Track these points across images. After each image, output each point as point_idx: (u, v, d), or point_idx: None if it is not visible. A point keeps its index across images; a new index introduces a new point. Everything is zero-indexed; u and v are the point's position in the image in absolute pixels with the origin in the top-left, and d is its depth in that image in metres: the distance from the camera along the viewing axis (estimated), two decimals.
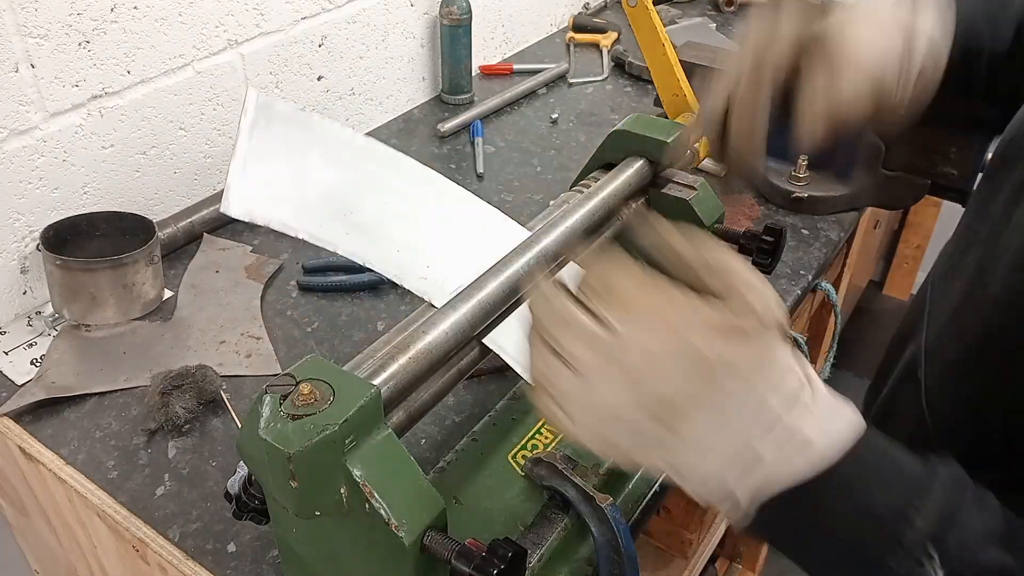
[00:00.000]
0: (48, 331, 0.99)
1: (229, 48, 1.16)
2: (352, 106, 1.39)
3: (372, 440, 0.52)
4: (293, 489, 0.50)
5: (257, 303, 1.04)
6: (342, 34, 1.31)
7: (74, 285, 0.95)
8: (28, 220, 1.00)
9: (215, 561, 0.75)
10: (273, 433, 0.49)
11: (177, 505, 0.80)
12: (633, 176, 0.78)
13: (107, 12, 1.00)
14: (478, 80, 1.60)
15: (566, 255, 0.66)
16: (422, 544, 0.51)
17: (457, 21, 1.43)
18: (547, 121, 1.48)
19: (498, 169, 1.34)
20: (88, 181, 1.05)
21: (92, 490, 0.82)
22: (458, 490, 0.78)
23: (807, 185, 1.23)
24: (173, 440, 0.87)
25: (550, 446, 0.83)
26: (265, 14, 1.18)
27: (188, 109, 1.13)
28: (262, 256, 1.12)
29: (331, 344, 1.00)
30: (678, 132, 0.80)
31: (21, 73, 0.94)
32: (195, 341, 0.98)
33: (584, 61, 1.70)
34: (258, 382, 0.94)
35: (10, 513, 1.09)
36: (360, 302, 1.06)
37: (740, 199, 1.25)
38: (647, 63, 0.99)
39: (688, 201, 0.78)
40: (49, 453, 0.85)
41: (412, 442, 0.88)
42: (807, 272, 1.13)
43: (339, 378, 0.52)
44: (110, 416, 0.89)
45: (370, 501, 0.50)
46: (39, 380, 0.92)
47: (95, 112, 1.03)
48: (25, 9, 0.91)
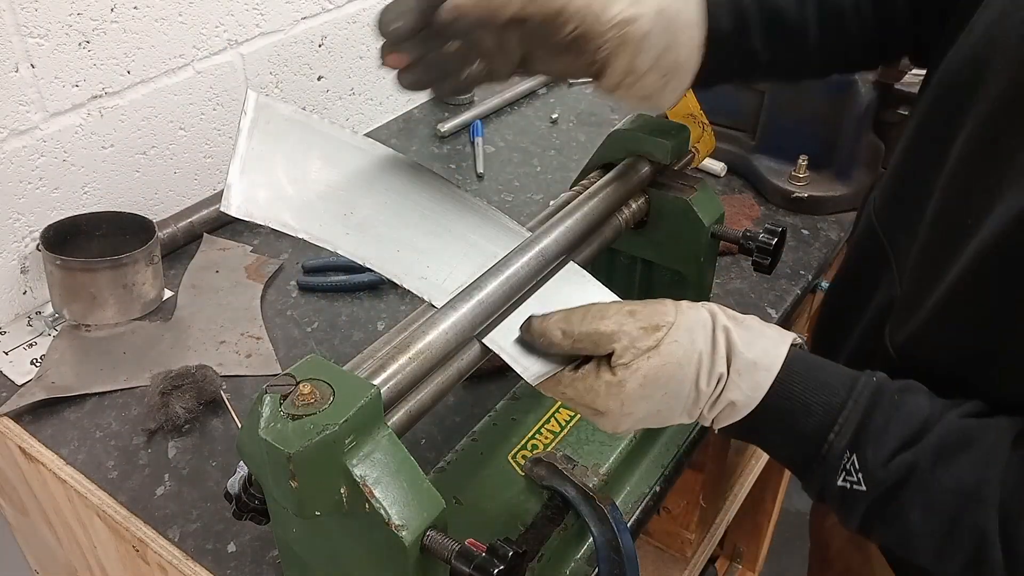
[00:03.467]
0: (48, 331, 0.99)
1: (229, 48, 1.16)
2: (352, 106, 1.39)
3: (372, 440, 0.52)
4: (293, 489, 0.50)
5: (257, 303, 1.05)
6: (342, 34, 1.31)
7: (74, 285, 0.95)
8: (28, 220, 1.00)
9: (215, 561, 0.75)
10: (273, 433, 0.49)
11: (177, 505, 0.80)
12: (633, 176, 0.78)
13: (107, 12, 1.00)
14: None
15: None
16: (422, 544, 0.51)
17: None
18: (547, 121, 1.48)
19: (498, 169, 1.34)
20: (88, 181, 1.05)
21: (92, 490, 0.82)
22: (458, 490, 0.78)
23: (807, 185, 1.23)
24: (173, 440, 0.87)
25: (550, 446, 0.83)
26: (265, 14, 1.18)
27: (188, 109, 1.13)
28: (262, 256, 1.12)
29: (331, 344, 1.00)
30: (678, 132, 0.80)
31: (21, 73, 0.94)
32: (195, 341, 0.98)
33: None
34: (258, 382, 0.94)
35: (10, 513, 1.09)
36: (360, 302, 1.06)
37: (740, 199, 1.25)
38: None
39: (688, 201, 0.78)
40: (49, 453, 0.85)
41: (412, 442, 0.88)
42: (807, 272, 1.13)
43: (339, 378, 0.52)
44: (110, 416, 0.89)
45: (370, 501, 0.50)
46: (39, 380, 0.92)
47: (95, 112, 1.03)
48: (25, 9, 0.92)
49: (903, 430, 0.55)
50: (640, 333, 0.58)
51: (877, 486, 0.54)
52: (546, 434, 0.84)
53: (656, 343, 0.57)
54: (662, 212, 0.80)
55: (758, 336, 0.58)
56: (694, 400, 0.58)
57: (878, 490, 0.54)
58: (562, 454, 0.80)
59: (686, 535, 1.28)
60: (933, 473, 0.53)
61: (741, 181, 1.31)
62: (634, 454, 0.84)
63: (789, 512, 1.80)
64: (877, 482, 0.54)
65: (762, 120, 1.26)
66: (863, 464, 0.55)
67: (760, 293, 1.08)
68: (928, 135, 0.70)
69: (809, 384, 0.57)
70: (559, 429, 0.85)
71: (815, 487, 0.58)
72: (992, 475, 0.52)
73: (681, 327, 0.58)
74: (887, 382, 0.57)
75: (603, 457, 0.82)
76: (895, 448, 0.54)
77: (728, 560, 1.77)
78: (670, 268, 0.84)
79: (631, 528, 0.77)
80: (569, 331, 0.59)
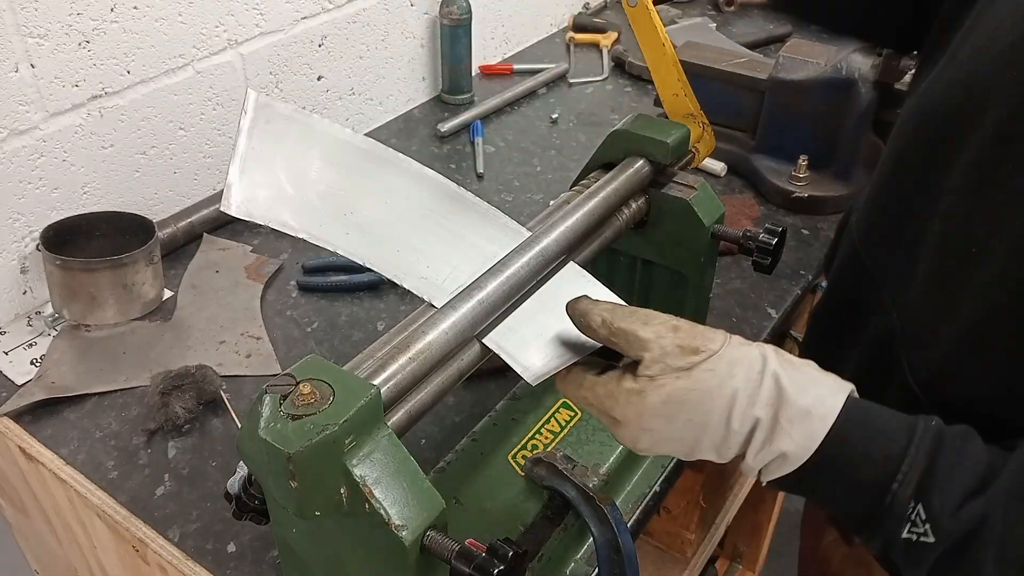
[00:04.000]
0: (48, 331, 0.99)
1: (229, 48, 1.16)
2: (352, 106, 1.39)
3: (372, 440, 0.52)
4: (293, 489, 0.50)
5: (257, 303, 1.04)
6: (342, 34, 1.31)
7: (74, 285, 0.95)
8: (28, 220, 1.00)
9: (215, 561, 0.75)
10: (273, 433, 0.49)
11: (177, 505, 0.80)
12: (633, 176, 0.78)
13: (107, 12, 1.00)
14: (478, 80, 1.60)
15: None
16: (422, 544, 0.51)
17: (457, 21, 1.43)
18: (547, 121, 1.48)
19: (498, 169, 1.34)
20: (88, 181, 1.05)
21: (92, 490, 0.82)
22: (458, 490, 0.78)
23: (807, 185, 1.23)
24: (173, 440, 0.87)
25: (550, 446, 0.83)
26: (265, 14, 1.18)
27: (188, 109, 1.13)
28: (262, 256, 1.12)
29: (331, 344, 1.00)
30: (678, 132, 0.80)
31: (21, 73, 0.94)
32: (195, 341, 0.98)
33: (584, 61, 1.70)
34: (258, 382, 0.94)
35: (10, 513, 1.09)
36: (360, 302, 1.06)
37: (740, 199, 1.25)
38: (647, 63, 0.99)
39: (688, 201, 0.78)
40: (49, 453, 0.85)
41: (412, 442, 0.88)
42: (807, 272, 1.12)
43: (339, 378, 0.52)
44: (110, 416, 0.89)
45: (370, 501, 0.50)
46: (39, 380, 0.92)
47: (95, 112, 1.03)
48: (25, 9, 0.91)
49: (969, 478, 0.52)
50: (675, 350, 0.56)
51: (947, 538, 0.51)
52: (546, 434, 0.84)
53: (690, 366, 0.55)
54: (662, 212, 0.80)
55: (813, 383, 0.55)
56: (723, 438, 0.55)
57: (948, 542, 0.51)
58: (562, 454, 0.80)
59: (686, 535, 1.28)
60: (1006, 523, 0.50)
61: (741, 181, 1.31)
62: (634, 454, 0.84)
63: (789, 512, 1.79)
64: (946, 533, 0.51)
65: (762, 120, 1.26)
66: (930, 514, 0.51)
67: (760, 293, 1.08)
68: (913, 162, 0.69)
69: (867, 432, 0.54)
70: (559, 429, 0.85)
71: (879, 541, 0.54)
72: None
73: (723, 358, 0.55)
74: (946, 428, 0.54)
75: (603, 457, 0.82)
76: (963, 496, 0.51)
77: (728, 560, 1.77)
78: (670, 268, 0.84)
79: (631, 528, 0.77)
80: (609, 321, 0.58)
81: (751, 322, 1.03)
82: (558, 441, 0.83)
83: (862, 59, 1.16)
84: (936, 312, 0.65)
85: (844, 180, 1.23)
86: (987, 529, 0.50)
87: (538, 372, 0.61)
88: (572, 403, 0.87)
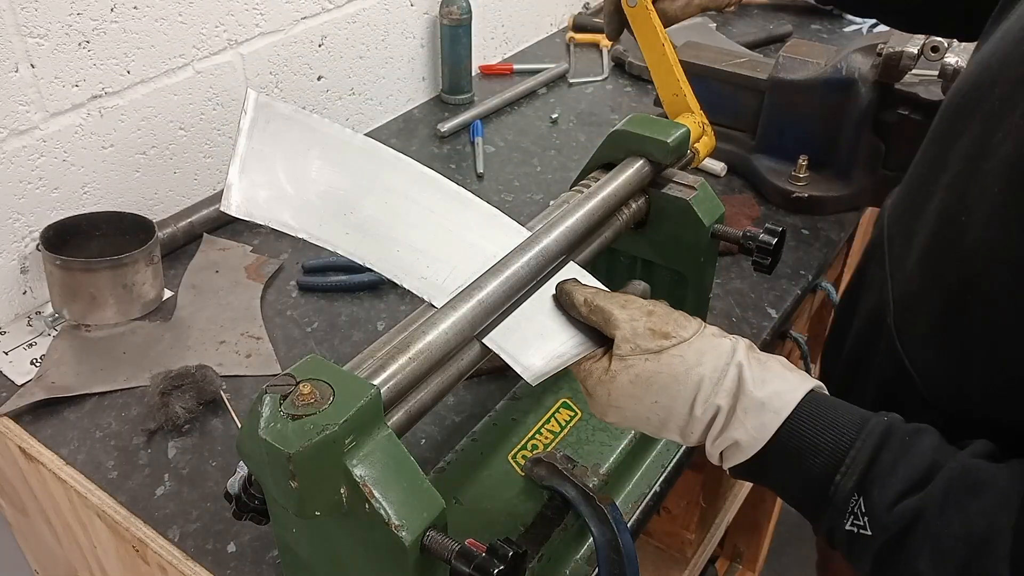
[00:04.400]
0: (48, 331, 0.99)
1: (229, 48, 1.16)
2: (352, 106, 1.39)
3: (372, 440, 0.52)
4: (293, 489, 0.50)
5: (257, 303, 1.05)
6: (342, 34, 1.31)
7: (74, 285, 0.95)
8: (28, 220, 1.00)
9: (215, 561, 0.75)
10: (273, 433, 0.49)
11: (177, 505, 0.80)
12: (633, 176, 0.78)
13: (107, 12, 1.00)
14: (478, 80, 1.60)
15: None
16: (422, 544, 0.51)
17: (457, 21, 1.43)
18: (547, 121, 1.48)
19: (498, 169, 1.34)
20: (88, 181, 1.05)
21: (92, 490, 0.82)
22: (458, 490, 0.78)
23: (807, 185, 1.23)
24: (173, 440, 0.87)
25: (550, 446, 0.83)
26: (265, 14, 1.18)
27: (188, 109, 1.13)
28: (262, 256, 1.12)
29: (331, 344, 1.00)
30: (678, 132, 0.80)
31: (21, 73, 0.94)
32: (195, 341, 0.98)
33: (584, 61, 1.70)
34: (258, 382, 0.94)
35: (10, 513, 1.09)
36: (360, 302, 1.06)
37: (740, 199, 1.25)
38: (647, 63, 0.99)
39: (688, 201, 0.78)
40: (49, 453, 0.85)
41: (412, 442, 0.88)
42: (807, 272, 1.13)
43: (339, 378, 0.52)
44: (110, 416, 0.89)
45: (370, 501, 0.50)
46: (39, 380, 0.92)
47: (95, 112, 1.03)
48: (25, 9, 0.91)
49: (910, 472, 0.53)
50: (647, 333, 0.58)
51: (883, 532, 0.52)
52: (546, 434, 0.84)
53: (659, 349, 0.58)
54: (662, 212, 0.80)
55: (774, 378, 0.57)
56: (687, 422, 0.58)
57: (884, 536, 0.52)
58: (562, 454, 0.80)
59: (686, 535, 1.28)
60: (941, 520, 0.51)
61: (741, 181, 1.31)
62: (634, 454, 0.84)
63: (789, 512, 1.79)
64: (883, 527, 0.52)
65: (762, 120, 1.26)
66: (869, 508, 0.52)
67: (760, 293, 1.08)
68: (934, 139, 0.71)
69: (819, 424, 0.55)
70: (559, 429, 0.85)
71: (824, 531, 0.56)
72: (1003, 522, 0.49)
73: (693, 346, 0.58)
74: (899, 423, 0.55)
75: (603, 457, 0.82)
76: (901, 491, 0.52)
77: (728, 560, 1.77)
78: (670, 268, 0.84)
79: (631, 528, 0.77)
80: (591, 300, 0.62)
81: (751, 322, 1.03)
82: (558, 441, 0.83)
83: (862, 59, 1.16)
84: (925, 279, 0.67)
85: (844, 180, 1.23)
86: (922, 524, 0.51)
87: (538, 372, 0.61)
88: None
